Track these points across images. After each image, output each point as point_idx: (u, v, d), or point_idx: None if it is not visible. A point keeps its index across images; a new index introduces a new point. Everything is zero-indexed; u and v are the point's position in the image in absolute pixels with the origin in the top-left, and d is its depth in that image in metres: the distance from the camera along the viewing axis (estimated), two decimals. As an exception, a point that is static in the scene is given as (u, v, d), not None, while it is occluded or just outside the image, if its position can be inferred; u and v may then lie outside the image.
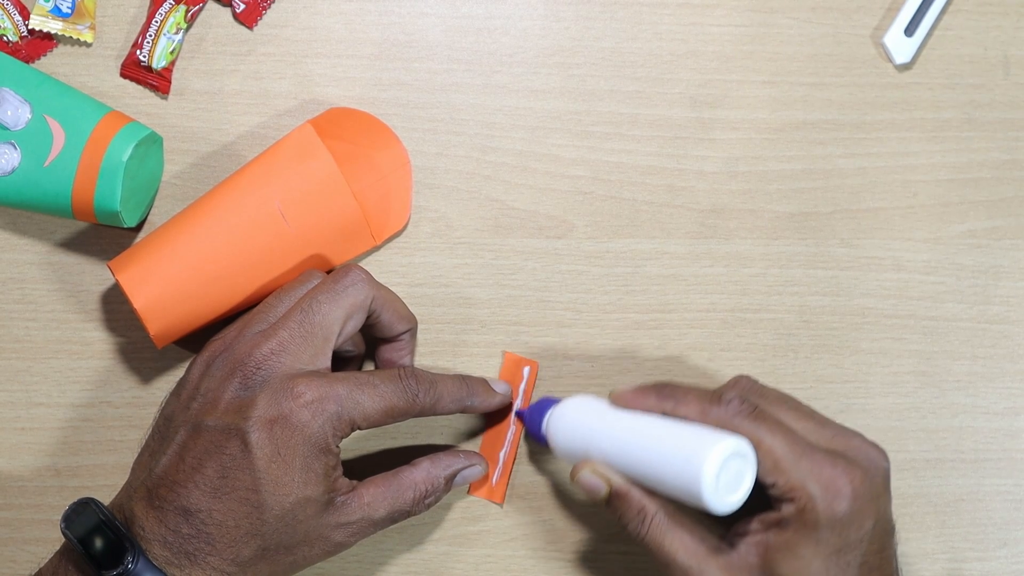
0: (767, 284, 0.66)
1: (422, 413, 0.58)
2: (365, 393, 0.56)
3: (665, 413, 0.57)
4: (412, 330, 0.62)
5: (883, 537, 0.55)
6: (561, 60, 0.66)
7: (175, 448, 0.55)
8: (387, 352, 0.62)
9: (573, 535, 0.66)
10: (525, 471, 0.65)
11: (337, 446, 0.56)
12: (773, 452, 0.54)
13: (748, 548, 0.55)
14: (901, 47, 0.66)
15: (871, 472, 0.55)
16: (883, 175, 0.67)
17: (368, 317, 0.59)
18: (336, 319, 0.57)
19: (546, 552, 0.66)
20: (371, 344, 0.64)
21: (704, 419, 0.55)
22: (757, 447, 0.54)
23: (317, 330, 0.56)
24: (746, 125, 0.66)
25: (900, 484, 0.66)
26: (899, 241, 0.67)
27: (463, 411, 0.61)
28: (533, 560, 0.66)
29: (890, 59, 0.67)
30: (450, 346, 0.65)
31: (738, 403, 0.55)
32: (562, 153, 0.66)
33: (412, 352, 0.63)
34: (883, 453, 0.57)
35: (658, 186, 0.66)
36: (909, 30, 0.66)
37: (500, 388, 0.63)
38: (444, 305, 0.66)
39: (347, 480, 0.57)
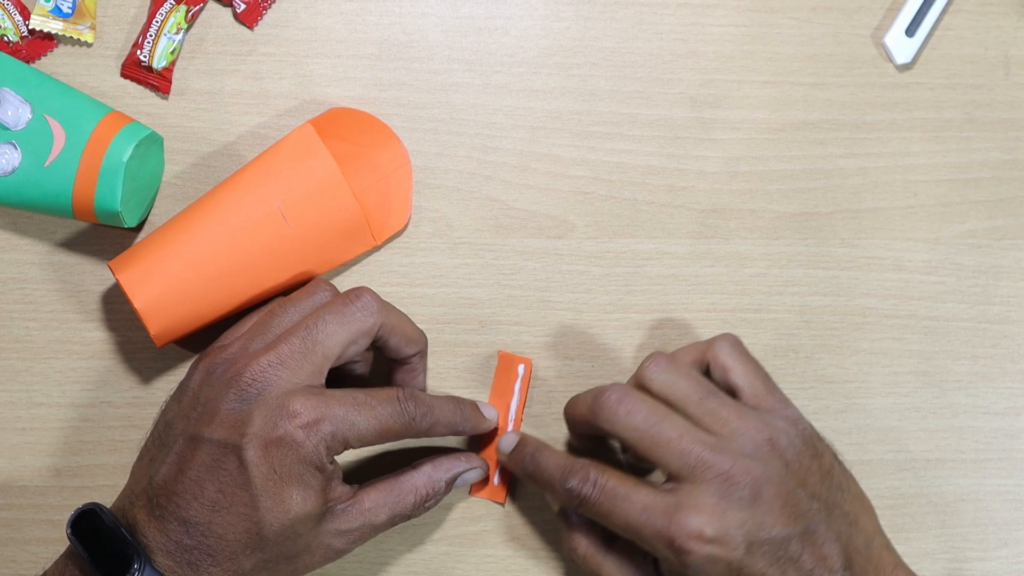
0: (768, 284, 0.66)
1: (417, 435, 0.59)
2: (361, 414, 0.56)
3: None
4: (422, 352, 0.62)
5: (759, 557, 0.54)
6: (561, 60, 0.66)
7: (174, 458, 0.55)
8: (400, 374, 0.62)
9: (573, 535, 0.66)
10: (525, 471, 0.65)
11: (332, 463, 0.56)
12: (619, 524, 0.56)
13: None
14: (902, 47, 0.66)
15: (723, 503, 0.54)
16: (884, 175, 0.67)
17: (375, 341, 0.59)
18: (339, 342, 0.57)
19: (546, 552, 0.65)
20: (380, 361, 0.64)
21: (559, 499, 0.59)
22: (609, 525, 0.57)
23: (318, 349, 0.56)
24: (747, 125, 0.66)
25: (900, 484, 0.66)
26: (900, 241, 0.67)
27: (454, 435, 0.62)
28: (533, 560, 0.65)
29: (891, 59, 0.67)
30: (450, 346, 0.65)
31: (577, 491, 0.57)
32: (563, 153, 0.66)
33: (424, 372, 0.63)
34: (748, 465, 0.55)
35: (659, 186, 0.66)
36: (910, 30, 0.66)
37: (489, 413, 0.63)
38: (444, 305, 0.66)
39: (347, 487, 0.57)
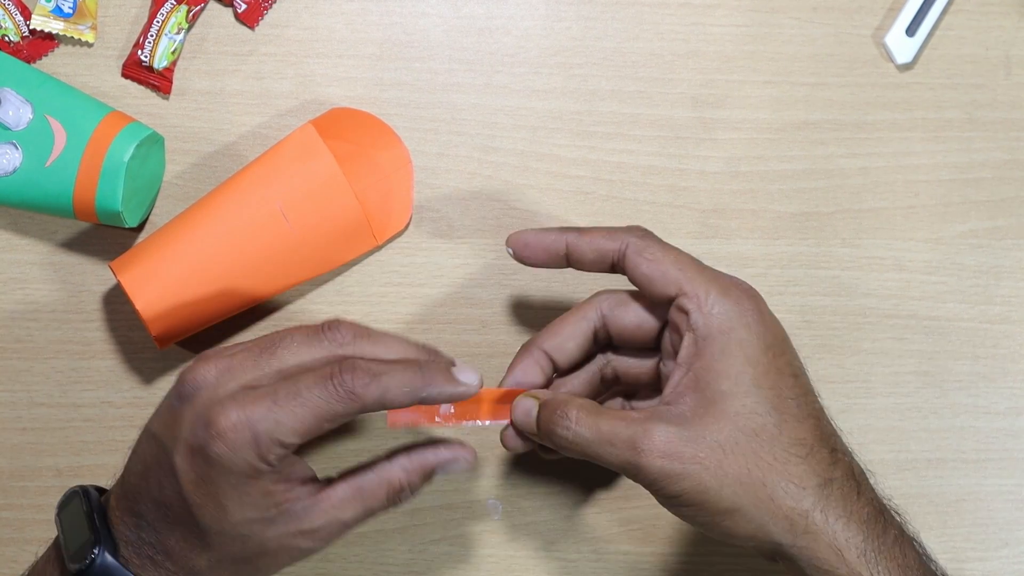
0: (769, 284, 0.66)
1: (369, 410, 0.51)
2: (285, 408, 0.50)
3: (568, 243, 0.58)
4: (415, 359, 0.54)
5: (780, 344, 0.56)
6: (563, 60, 0.66)
7: (133, 454, 0.55)
8: None
9: (574, 535, 0.66)
10: (527, 470, 0.65)
11: (270, 464, 0.50)
12: (671, 269, 0.55)
13: (677, 392, 0.54)
14: (903, 47, 0.66)
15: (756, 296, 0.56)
16: (885, 175, 0.67)
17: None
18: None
19: (547, 552, 0.65)
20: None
21: (605, 242, 0.56)
22: (655, 262, 0.55)
23: (275, 362, 0.52)
24: (748, 125, 0.66)
25: (901, 484, 0.66)
26: (901, 241, 0.67)
27: (420, 403, 0.52)
28: (534, 560, 0.66)
29: (891, 59, 0.67)
30: (450, 346, 0.65)
31: (638, 232, 0.56)
32: (563, 153, 0.66)
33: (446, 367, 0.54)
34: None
35: (660, 186, 0.66)
36: (911, 30, 0.66)
37: (465, 377, 0.53)
38: (445, 305, 0.66)
39: (305, 487, 0.52)
